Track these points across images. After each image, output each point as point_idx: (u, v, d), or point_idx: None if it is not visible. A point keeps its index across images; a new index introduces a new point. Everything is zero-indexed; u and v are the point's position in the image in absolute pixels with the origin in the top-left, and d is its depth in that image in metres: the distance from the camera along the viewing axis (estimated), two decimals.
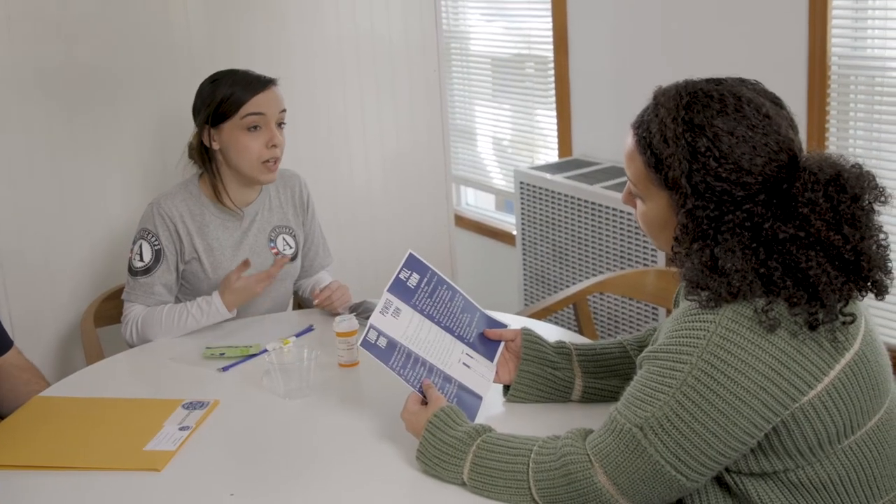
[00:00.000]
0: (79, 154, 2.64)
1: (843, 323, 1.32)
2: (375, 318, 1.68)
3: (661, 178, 1.38)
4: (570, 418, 1.71)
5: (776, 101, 1.38)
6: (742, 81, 1.39)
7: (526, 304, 3.66)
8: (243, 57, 2.69)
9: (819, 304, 1.31)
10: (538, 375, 1.73)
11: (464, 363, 1.74)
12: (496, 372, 1.77)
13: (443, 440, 1.52)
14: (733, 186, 1.33)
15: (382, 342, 1.66)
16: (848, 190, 1.33)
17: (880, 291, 1.37)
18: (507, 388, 1.79)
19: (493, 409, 1.76)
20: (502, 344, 1.79)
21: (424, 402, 1.62)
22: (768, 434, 1.34)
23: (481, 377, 1.74)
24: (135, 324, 2.24)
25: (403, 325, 1.70)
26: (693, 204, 1.35)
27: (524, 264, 3.64)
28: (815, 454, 1.36)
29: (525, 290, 3.67)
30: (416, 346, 1.69)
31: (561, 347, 1.76)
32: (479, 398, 1.72)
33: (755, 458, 1.37)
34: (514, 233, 3.97)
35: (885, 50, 2.64)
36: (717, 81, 1.38)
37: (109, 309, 2.52)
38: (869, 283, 1.35)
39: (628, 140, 1.43)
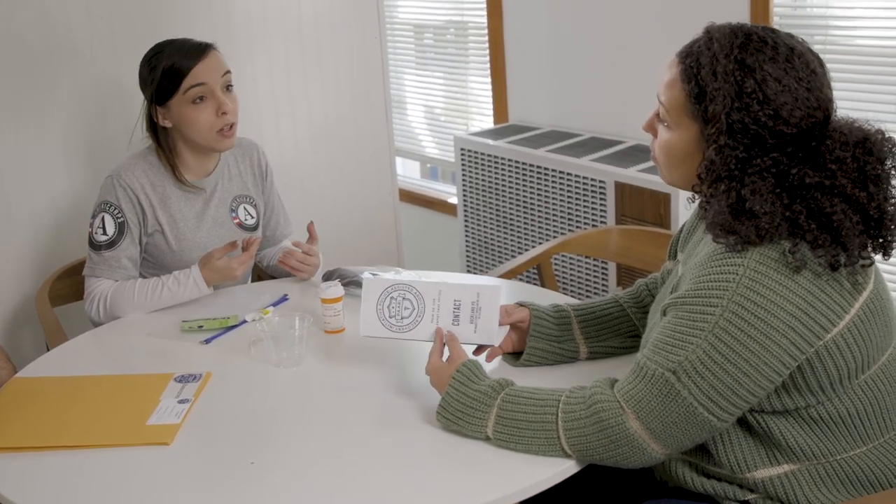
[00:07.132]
0: (18, 128, 2.51)
1: (863, 266, 1.38)
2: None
3: (699, 109, 1.41)
4: (579, 371, 1.74)
5: (819, 62, 1.43)
6: (792, 37, 1.43)
7: (469, 272, 3.67)
8: (180, 24, 2.61)
9: (841, 248, 1.36)
10: (545, 350, 1.75)
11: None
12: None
13: (466, 394, 1.52)
14: (768, 133, 1.37)
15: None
16: (874, 153, 1.39)
17: (887, 252, 1.43)
18: (509, 354, 1.79)
19: (504, 365, 1.78)
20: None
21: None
22: (793, 372, 1.39)
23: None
24: (102, 300, 2.16)
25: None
26: (725, 141, 1.38)
27: (466, 232, 3.64)
28: (836, 390, 1.41)
29: (468, 257, 3.67)
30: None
31: (561, 317, 1.77)
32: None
33: (778, 397, 1.42)
34: (451, 201, 3.98)
35: (827, 9, 2.73)
36: (772, 30, 1.42)
37: (62, 287, 2.41)
38: (881, 241, 1.41)
39: (672, 69, 1.46)
